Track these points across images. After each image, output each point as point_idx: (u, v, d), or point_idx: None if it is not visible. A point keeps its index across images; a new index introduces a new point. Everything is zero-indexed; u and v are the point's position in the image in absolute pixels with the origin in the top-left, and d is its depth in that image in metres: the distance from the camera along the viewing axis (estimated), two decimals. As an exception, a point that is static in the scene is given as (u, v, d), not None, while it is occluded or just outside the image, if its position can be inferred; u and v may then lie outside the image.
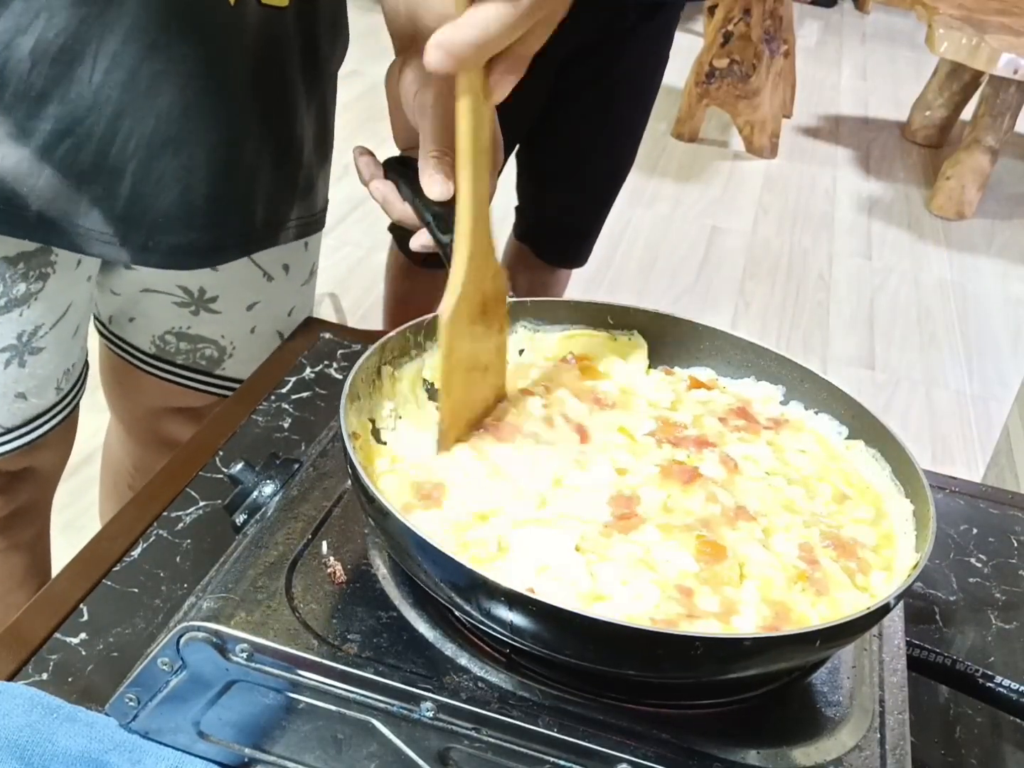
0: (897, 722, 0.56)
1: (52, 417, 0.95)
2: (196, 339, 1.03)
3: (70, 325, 0.93)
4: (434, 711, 0.53)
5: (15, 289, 0.85)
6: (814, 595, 0.58)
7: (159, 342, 1.03)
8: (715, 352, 0.76)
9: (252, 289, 1.01)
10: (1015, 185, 4.08)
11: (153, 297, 0.99)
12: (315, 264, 1.09)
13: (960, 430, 2.66)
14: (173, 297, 0.99)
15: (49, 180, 0.81)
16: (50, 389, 0.94)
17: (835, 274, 3.33)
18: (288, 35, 0.88)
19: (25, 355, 0.89)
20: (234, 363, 1.05)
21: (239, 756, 0.59)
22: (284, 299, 1.05)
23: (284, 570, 0.59)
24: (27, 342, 0.89)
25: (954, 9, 3.59)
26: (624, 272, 3.15)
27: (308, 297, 1.10)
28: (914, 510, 0.64)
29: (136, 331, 1.04)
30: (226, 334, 1.03)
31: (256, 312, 1.03)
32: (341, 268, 2.87)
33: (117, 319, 1.04)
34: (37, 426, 0.94)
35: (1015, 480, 1.76)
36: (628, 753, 0.52)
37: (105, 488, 1.30)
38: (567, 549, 0.57)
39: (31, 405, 0.92)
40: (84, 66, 0.78)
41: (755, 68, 3.84)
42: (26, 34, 0.76)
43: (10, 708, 0.59)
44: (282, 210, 0.96)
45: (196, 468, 0.81)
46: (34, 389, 0.92)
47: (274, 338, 1.04)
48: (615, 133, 1.78)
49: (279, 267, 1.02)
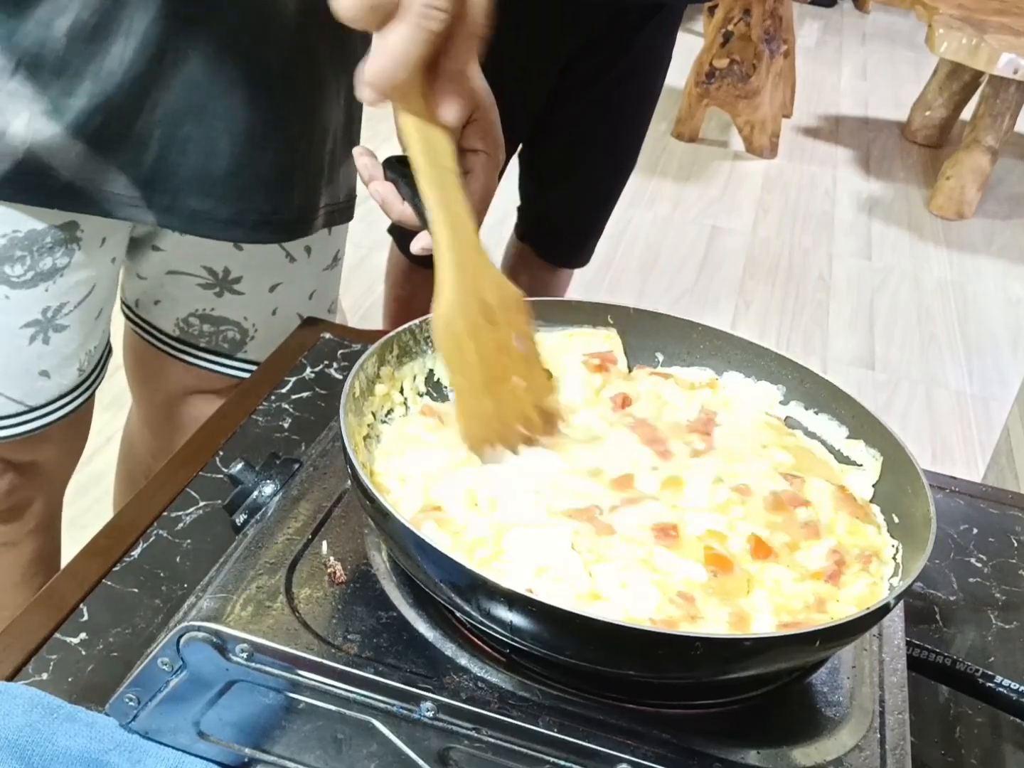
0: (897, 722, 0.56)
1: (71, 400, 0.97)
2: (219, 321, 1.04)
3: (94, 306, 0.95)
4: (434, 711, 0.53)
5: (42, 263, 0.87)
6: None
7: (183, 324, 1.05)
8: (715, 352, 0.76)
9: (275, 270, 1.03)
10: (1015, 185, 4.08)
11: (178, 279, 1.02)
12: (340, 251, 1.11)
13: (960, 430, 2.66)
14: (198, 279, 1.01)
15: (79, 153, 0.83)
16: (72, 368, 0.95)
17: (835, 274, 3.33)
18: (324, 17, 0.89)
19: (49, 331, 0.91)
20: (255, 345, 1.07)
21: (239, 756, 0.59)
22: (305, 281, 1.06)
23: (284, 570, 0.59)
24: (51, 318, 0.90)
25: (954, 9, 3.59)
26: (624, 272, 3.15)
27: (332, 283, 1.11)
28: (875, 482, 0.65)
29: (161, 314, 1.06)
30: (249, 315, 1.05)
31: (278, 294, 1.04)
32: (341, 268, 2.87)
33: (143, 302, 1.07)
34: (57, 407, 0.96)
35: (1015, 480, 1.76)
36: (628, 753, 0.52)
37: (121, 478, 1.32)
38: (563, 548, 0.58)
39: (54, 384, 0.94)
40: (116, 43, 0.80)
41: (755, 68, 3.84)
42: (63, 15, 0.78)
43: (10, 708, 0.59)
44: (312, 197, 0.97)
45: (196, 468, 0.81)
46: (56, 367, 0.94)
47: (295, 321, 1.05)
48: (617, 133, 1.78)
49: (301, 248, 1.03)
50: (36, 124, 0.81)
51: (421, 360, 0.71)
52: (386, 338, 0.69)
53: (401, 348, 0.70)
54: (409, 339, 0.70)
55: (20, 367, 0.92)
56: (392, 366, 0.69)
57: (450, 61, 0.63)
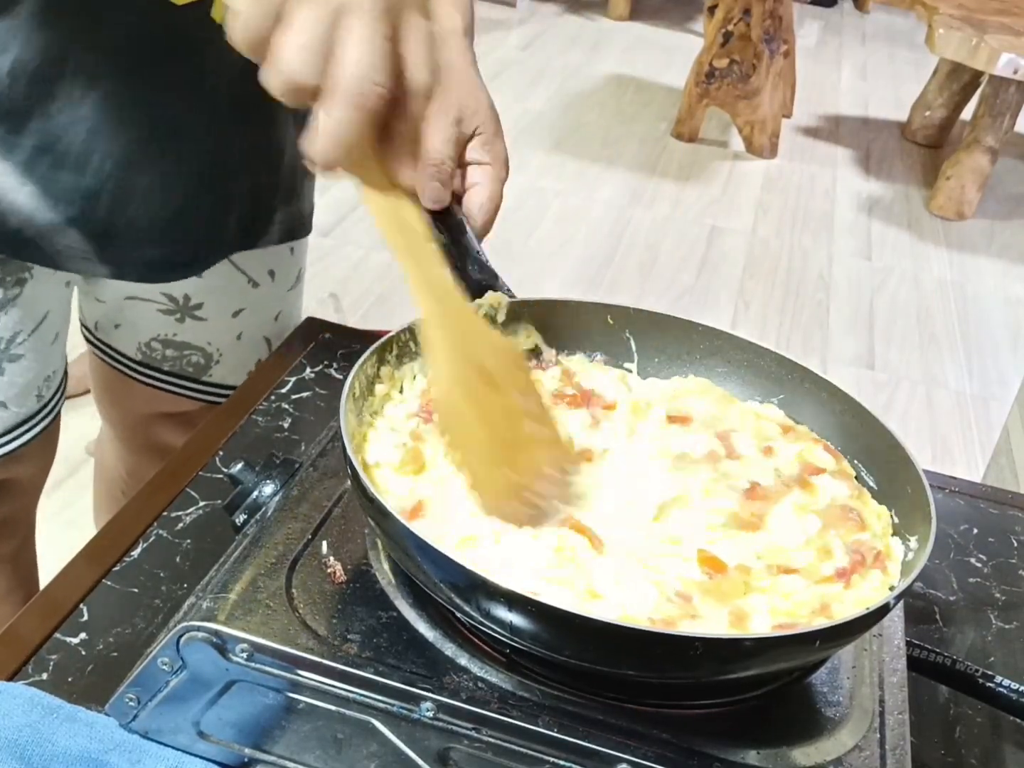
0: (897, 722, 0.56)
1: (33, 426, 0.94)
2: (182, 346, 1.02)
3: (49, 332, 0.92)
4: (434, 711, 0.53)
5: None
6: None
7: (145, 349, 1.02)
8: (715, 352, 0.76)
9: (237, 296, 1.01)
10: (1015, 185, 4.08)
11: (137, 304, 0.99)
12: (302, 270, 1.08)
13: (960, 430, 2.66)
14: (158, 304, 0.98)
15: (29, 197, 0.81)
16: (31, 397, 0.93)
17: (835, 274, 3.33)
18: None
19: (3, 362, 0.88)
20: (221, 369, 1.04)
21: (239, 756, 0.59)
22: (270, 305, 1.04)
23: (284, 570, 0.59)
24: (5, 349, 0.88)
25: (954, 9, 3.59)
26: (624, 272, 3.15)
27: (295, 302, 1.09)
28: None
29: (122, 338, 1.03)
30: (212, 341, 1.02)
31: (242, 318, 1.02)
32: (341, 268, 2.87)
33: (103, 325, 1.04)
34: (18, 435, 0.93)
35: (1015, 480, 1.76)
36: (628, 753, 0.52)
37: (99, 495, 1.29)
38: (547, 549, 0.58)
39: (11, 414, 0.91)
40: (62, 86, 0.78)
41: (755, 68, 3.84)
42: (3, 54, 0.76)
43: (10, 708, 0.59)
44: (263, 214, 0.96)
45: (196, 468, 0.81)
46: (14, 397, 0.91)
47: (261, 344, 1.04)
48: None
49: (265, 273, 1.01)
50: None
51: (421, 360, 0.71)
52: (386, 338, 0.69)
53: (401, 348, 0.70)
54: (409, 339, 0.70)
55: None
56: (392, 366, 0.69)
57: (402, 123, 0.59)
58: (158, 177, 0.84)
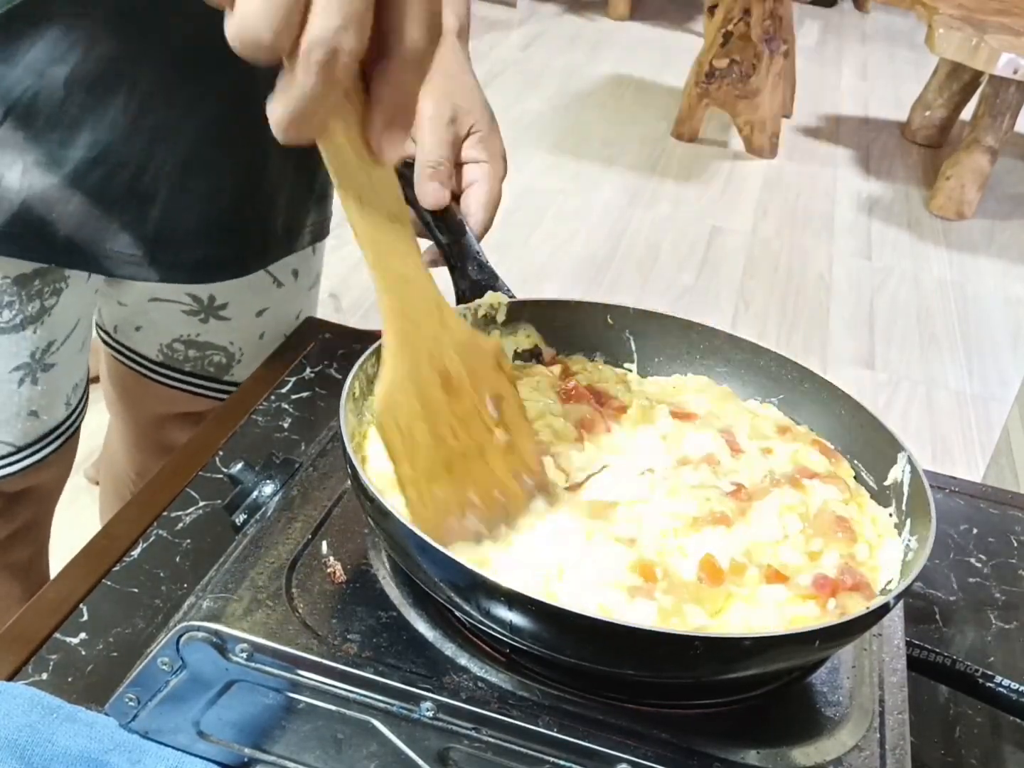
0: (897, 722, 0.56)
1: (60, 435, 0.95)
2: (205, 346, 1.02)
3: (78, 339, 0.93)
4: (434, 711, 0.53)
5: (30, 306, 0.85)
6: None
7: (167, 350, 1.03)
8: (715, 352, 0.76)
9: (262, 296, 1.01)
10: (1015, 185, 4.08)
11: (161, 306, 0.99)
12: (320, 268, 1.10)
13: (960, 430, 2.66)
14: (182, 305, 0.99)
15: (79, 206, 0.80)
16: (60, 405, 0.93)
17: (835, 274, 3.33)
18: None
19: (38, 372, 0.89)
20: (242, 368, 1.05)
21: (239, 756, 0.59)
22: (292, 304, 1.05)
23: (284, 570, 0.59)
24: (40, 359, 0.88)
25: (954, 9, 3.59)
26: (624, 272, 3.15)
27: (314, 301, 1.10)
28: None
29: (143, 340, 1.03)
30: (235, 340, 1.03)
31: (265, 318, 1.03)
32: (341, 268, 2.86)
33: (122, 328, 1.04)
34: (46, 443, 0.93)
35: (1015, 480, 1.76)
36: (628, 753, 0.52)
37: (106, 495, 1.29)
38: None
39: (42, 423, 0.92)
40: (120, 95, 0.77)
41: (755, 68, 3.84)
42: (61, 63, 0.75)
43: (10, 708, 0.59)
44: (300, 217, 0.96)
45: (196, 468, 0.81)
46: (46, 406, 0.91)
47: (282, 341, 1.04)
48: None
49: (289, 273, 1.02)
50: (30, 175, 0.78)
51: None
52: (386, 338, 0.68)
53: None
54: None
55: (10, 411, 0.89)
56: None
57: (387, 88, 0.48)
58: (211, 180, 0.85)
